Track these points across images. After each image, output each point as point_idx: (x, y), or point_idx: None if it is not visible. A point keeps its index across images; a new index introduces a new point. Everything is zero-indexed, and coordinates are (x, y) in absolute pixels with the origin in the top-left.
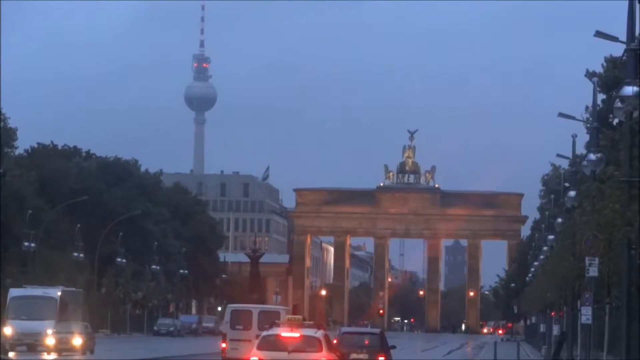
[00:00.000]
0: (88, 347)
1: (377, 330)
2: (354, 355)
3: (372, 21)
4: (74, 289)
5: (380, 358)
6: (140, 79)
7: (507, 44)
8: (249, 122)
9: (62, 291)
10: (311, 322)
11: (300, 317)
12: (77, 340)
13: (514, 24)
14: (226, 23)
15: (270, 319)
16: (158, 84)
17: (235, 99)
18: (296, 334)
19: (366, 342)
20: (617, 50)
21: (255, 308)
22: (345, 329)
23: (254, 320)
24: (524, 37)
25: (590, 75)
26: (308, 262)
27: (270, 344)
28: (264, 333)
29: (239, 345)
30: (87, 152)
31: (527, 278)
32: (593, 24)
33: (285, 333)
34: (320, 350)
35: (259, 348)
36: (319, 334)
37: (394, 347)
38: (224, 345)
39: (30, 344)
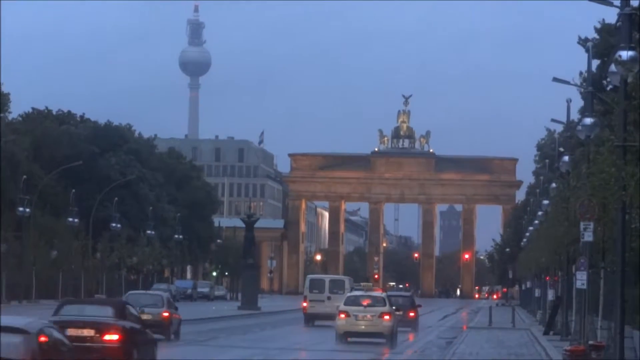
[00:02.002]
0: None
1: (408, 294)
2: None
3: None
4: None
5: (411, 314)
6: (135, 44)
7: (504, 10)
8: (244, 87)
9: None
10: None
11: (371, 284)
12: None
13: None
14: None
15: (337, 286)
16: (152, 49)
17: (230, 64)
18: (368, 294)
19: (400, 301)
20: (611, 16)
21: (327, 277)
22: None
23: (326, 286)
24: (520, 3)
25: (582, 42)
26: (303, 227)
27: (352, 301)
28: (348, 294)
29: (316, 304)
30: (82, 117)
31: (522, 243)
32: None
33: (361, 294)
34: (384, 305)
35: (345, 304)
36: (383, 295)
37: (420, 306)
38: (304, 304)
39: None
